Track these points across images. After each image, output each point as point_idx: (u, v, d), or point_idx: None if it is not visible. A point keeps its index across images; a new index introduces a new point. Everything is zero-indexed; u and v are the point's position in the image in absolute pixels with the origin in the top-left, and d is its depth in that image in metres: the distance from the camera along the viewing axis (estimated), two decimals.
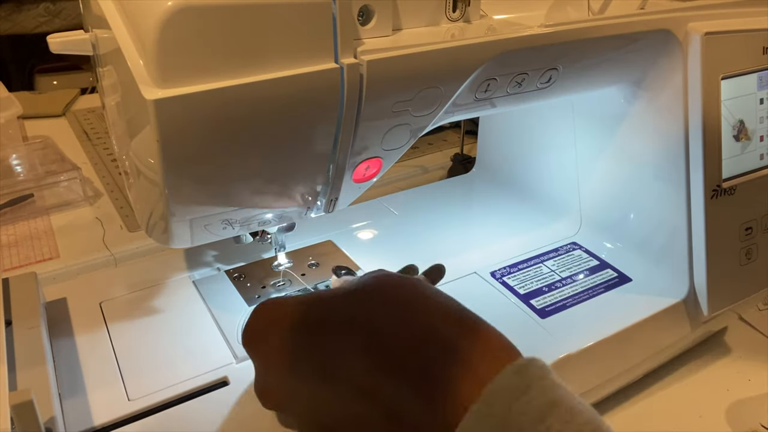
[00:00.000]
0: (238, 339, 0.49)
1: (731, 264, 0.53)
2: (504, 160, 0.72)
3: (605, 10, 0.47)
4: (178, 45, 0.31)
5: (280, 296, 0.35)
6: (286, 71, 0.33)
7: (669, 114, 0.51)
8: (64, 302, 0.53)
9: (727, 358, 0.58)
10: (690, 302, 0.54)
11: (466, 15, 0.43)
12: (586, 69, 0.48)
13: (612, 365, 0.51)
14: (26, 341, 0.45)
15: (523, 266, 0.58)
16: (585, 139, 0.60)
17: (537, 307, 0.52)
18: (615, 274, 0.57)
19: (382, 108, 0.38)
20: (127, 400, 0.43)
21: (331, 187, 0.42)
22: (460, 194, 0.73)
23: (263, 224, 0.44)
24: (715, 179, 0.51)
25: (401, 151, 0.43)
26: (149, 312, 0.52)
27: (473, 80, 0.41)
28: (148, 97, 0.30)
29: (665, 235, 0.55)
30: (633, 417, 0.52)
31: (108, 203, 0.78)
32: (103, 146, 0.95)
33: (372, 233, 0.64)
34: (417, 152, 0.93)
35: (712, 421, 0.51)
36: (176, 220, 0.38)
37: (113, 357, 0.47)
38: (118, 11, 0.35)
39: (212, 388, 0.45)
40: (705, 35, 0.48)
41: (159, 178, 0.34)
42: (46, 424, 0.37)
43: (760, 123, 0.53)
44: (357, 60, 0.35)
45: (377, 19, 0.38)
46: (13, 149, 0.84)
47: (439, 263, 0.42)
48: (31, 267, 0.65)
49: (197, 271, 0.57)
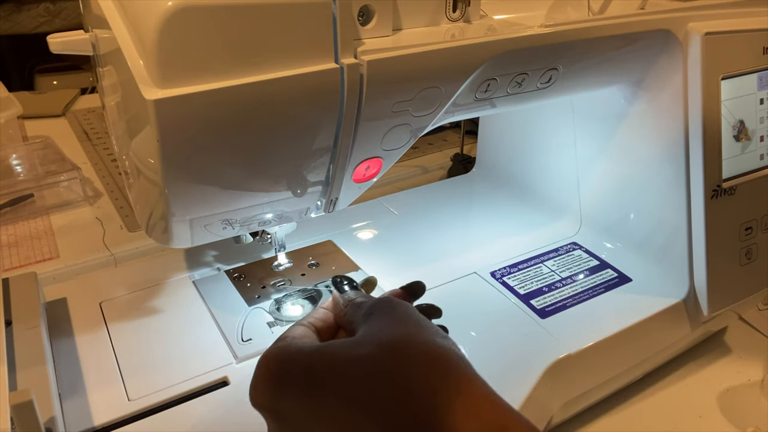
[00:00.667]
0: (238, 339, 0.49)
1: (731, 264, 0.53)
2: (504, 160, 0.72)
3: (605, 10, 0.47)
4: (178, 45, 0.31)
5: (285, 345, 0.33)
6: (286, 71, 0.33)
7: (669, 114, 0.51)
8: (64, 302, 0.53)
9: (727, 358, 0.58)
10: (690, 302, 0.54)
11: (466, 15, 0.43)
12: (586, 69, 0.48)
13: (612, 365, 0.51)
14: (26, 341, 0.45)
15: (523, 266, 0.58)
16: (585, 139, 0.60)
17: (537, 308, 0.52)
18: (615, 274, 0.57)
19: (382, 108, 0.38)
20: (127, 400, 0.43)
21: (331, 187, 0.42)
22: (460, 194, 0.73)
23: (263, 224, 0.44)
24: (715, 179, 0.51)
25: (401, 151, 0.44)
26: (149, 312, 0.52)
27: (473, 80, 0.41)
28: (148, 97, 0.30)
29: (665, 235, 0.55)
30: (633, 417, 0.52)
31: (108, 203, 0.78)
32: (103, 146, 0.95)
33: (372, 233, 0.64)
34: (417, 152, 0.93)
35: (712, 421, 0.51)
36: (176, 220, 0.38)
37: (113, 357, 0.47)
38: (118, 11, 0.35)
39: (212, 388, 0.45)
40: (705, 35, 0.48)
41: (159, 178, 0.34)
42: (46, 424, 0.37)
43: (760, 123, 0.53)
44: (357, 60, 0.35)
45: (377, 19, 0.38)
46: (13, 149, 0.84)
47: (419, 281, 0.42)
48: (31, 267, 0.65)
49: (197, 271, 0.57)
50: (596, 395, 0.51)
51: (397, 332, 0.32)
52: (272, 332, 0.49)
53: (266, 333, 0.49)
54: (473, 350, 0.48)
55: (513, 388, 0.45)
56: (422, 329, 0.32)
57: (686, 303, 0.53)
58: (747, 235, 0.54)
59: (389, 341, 0.31)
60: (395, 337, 0.31)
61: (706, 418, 0.52)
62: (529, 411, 0.44)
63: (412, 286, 0.41)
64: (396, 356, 0.30)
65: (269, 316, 0.51)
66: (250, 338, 0.49)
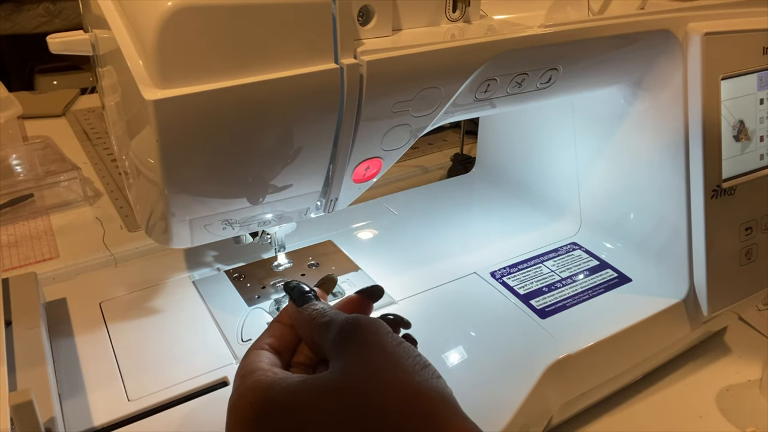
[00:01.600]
0: (238, 339, 0.49)
1: (731, 264, 0.53)
2: (504, 160, 0.72)
3: (605, 10, 0.47)
4: (178, 45, 0.31)
5: (257, 391, 0.31)
6: (286, 71, 0.33)
7: (669, 114, 0.51)
8: (64, 302, 0.53)
9: (727, 358, 0.58)
10: (690, 302, 0.54)
11: (466, 15, 0.43)
12: (586, 69, 0.48)
13: (612, 365, 0.51)
14: (26, 341, 0.45)
15: (523, 266, 0.58)
16: (585, 139, 0.60)
17: (537, 308, 0.52)
18: (615, 275, 0.57)
19: (382, 108, 0.38)
20: (126, 401, 0.43)
21: (331, 187, 0.42)
22: (460, 194, 0.73)
23: (263, 224, 0.44)
24: (715, 179, 0.51)
25: (401, 151, 0.43)
26: (149, 312, 0.52)
27: (473, 80, 0.41)
28: (147, 98, 0.30)
29: (665, 235, 0.55)
30: (633, 417, 0.52)
31: (108, 203, 0.78)
32: (103, 146, 0.95)
33: (372, 233, 0.64)
34: (417, 152, 0.93)
35: (712, 421, 0.51)
36: (176, 220, 0.38)
37: (113, 357, 0.47)
38: (118, 11, 0.35)
39: (212, 388, 0.45)
40: (705, 35, 0.48)
41: (159, 178, 0.34)
42: (46, 425, 0.37)
43: (760, 123, 0.53)
44: (357, 60, 0.35)
45: (377, 20, 0.38)
46: (13, 149, 0.84)
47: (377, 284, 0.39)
48: (31, 267, 0.65)
49: (197, 271, 0.57)
50: (596, 395, 0.51)
51: (376, 378, 0.30)
52: None
53: None
54: (473, 350, 0.48)
55: (513, 388, 0.45)
56: (401, 367, 0.30)
57: (686, 303, 0.53)
58: (747, 235, 0.54)
59: (370, 391, 0.29)
60: (376, 385, 0.29)
61: (706, 418, 0.52)
62: (529, 411, 0.44)
63: (370, 291, 0.38)
64: (377, 408, 0.29)
65: (269, 316, 0.51)
66: (250, 338, 0.49)
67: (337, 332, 0.32)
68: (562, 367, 0.47)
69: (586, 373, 0.49)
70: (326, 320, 0.33)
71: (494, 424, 0.43)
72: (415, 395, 0.29)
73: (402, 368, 0.30)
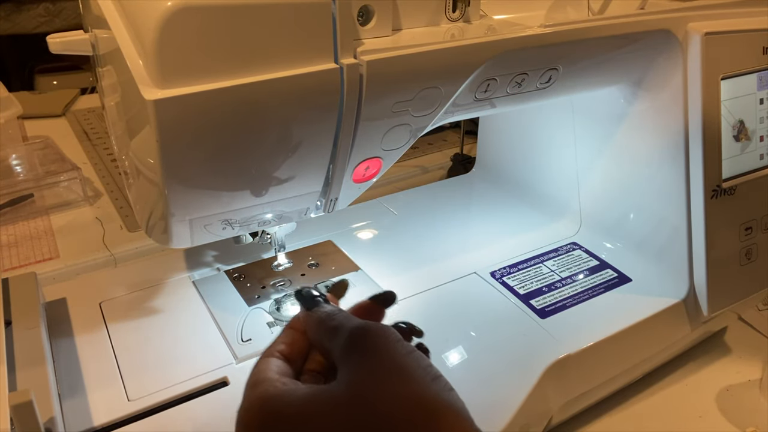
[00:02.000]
0: (238, 339, 0.49)
1: (731, 264, 0.53)
2: (504, 160, 0.72)
3: (605, 10, 0.47)
4: (178, 45, 0.31)
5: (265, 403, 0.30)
6: (286, 71, 0.33)
7: (669, 114, 0.51)
8: (64, 302, 0.53)
9: (727, 358, 0.58)
10: (690, 302, 0.54)
11: (466, 15, 0.43)
12: (586, 69, 0.48)
13: (612, 365, 0.51)
14: (26, 341, 0.45)
15: (523, 266, 0.58)
16: (585, 139, 0.60)
17: (537, 308, 0.52)
18: (615, 275, 0.57)
19: (382, 108, 0.38)
20: (126, 401, 0.43)
21: (331, 187, 0.42)
22: (460, 194, 0.73)
23: (263, 224, 0.44)
24: (715, 179, 0.51)
25: (401, 151, 0.43)
26: (149, 312, 0.52)
27: (473, 80, 0.41)
28: (147, 98, 0.31)
29: (665, 235, 0.55)
30: (633, 417, 0.52)
31: (108, 203, 0.78)
32: (103, 146, 0.95)
33: (372, 233, 0.64)
34: (417, 152, 0.93)
35: (712, 421, 0.51)
36: (176, 220, 0.38)
37: (113, 357, 0.47)
38: (118, 11, 0.35)
39: (212, 389, 0.45)
40: (705, 35, 0.48)
41: (159, 178, 0.34)
42: (45, 425, 0.37)
43: (760, 123, 0.53)
44: (357, 60, 0.35)
45: (377, 19, 0.38)
46: (13, 149, 0.84)
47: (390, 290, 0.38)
48: (31, 267, 0.65)
49: (197, 271, 0.57)
50: (596, 395, 0.51)
51: (384, 388, 0.29)
52: (272, 332, 0.49)
53: (266, 333, 0.49)
54: (473, 350, 0.48)
55: (513, 388, 0.45)
56: (410, 378, 0.30)
57: (686, 303, 0.53)
58: (747, 235, 0.54)
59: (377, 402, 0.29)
60: (383, 395, 0.29)
61: (706, 418, 0.52)
62: (529, 411, 0.44)
63: (382, 297, 0.37)
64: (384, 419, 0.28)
65: (269, 316, 0.51)
66: (249, 338, 0.49)
67: (345, 338, 0.32)
68: (562, 367, 0.47)
69: (586, 373, 0.49)
70: (335, 324, 0.33)
71: (494, 424, 0.43)
72: (424, 407, 0.28)
73: (412, 379, 0.29)
